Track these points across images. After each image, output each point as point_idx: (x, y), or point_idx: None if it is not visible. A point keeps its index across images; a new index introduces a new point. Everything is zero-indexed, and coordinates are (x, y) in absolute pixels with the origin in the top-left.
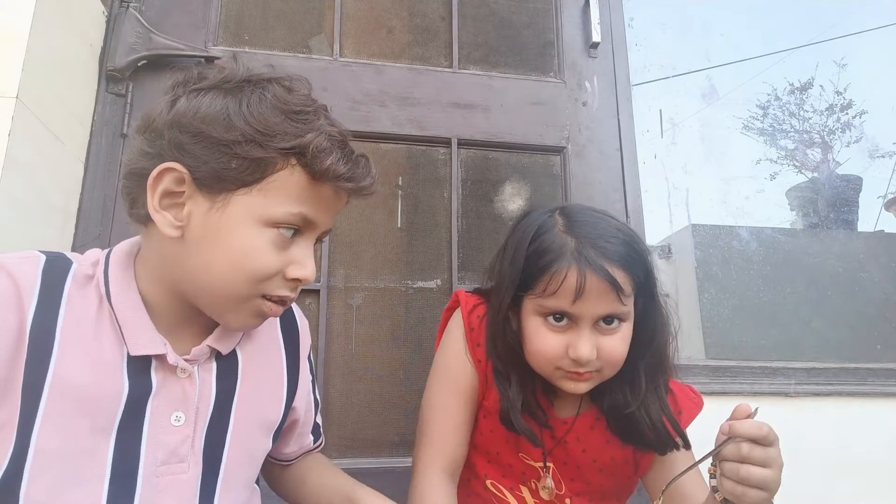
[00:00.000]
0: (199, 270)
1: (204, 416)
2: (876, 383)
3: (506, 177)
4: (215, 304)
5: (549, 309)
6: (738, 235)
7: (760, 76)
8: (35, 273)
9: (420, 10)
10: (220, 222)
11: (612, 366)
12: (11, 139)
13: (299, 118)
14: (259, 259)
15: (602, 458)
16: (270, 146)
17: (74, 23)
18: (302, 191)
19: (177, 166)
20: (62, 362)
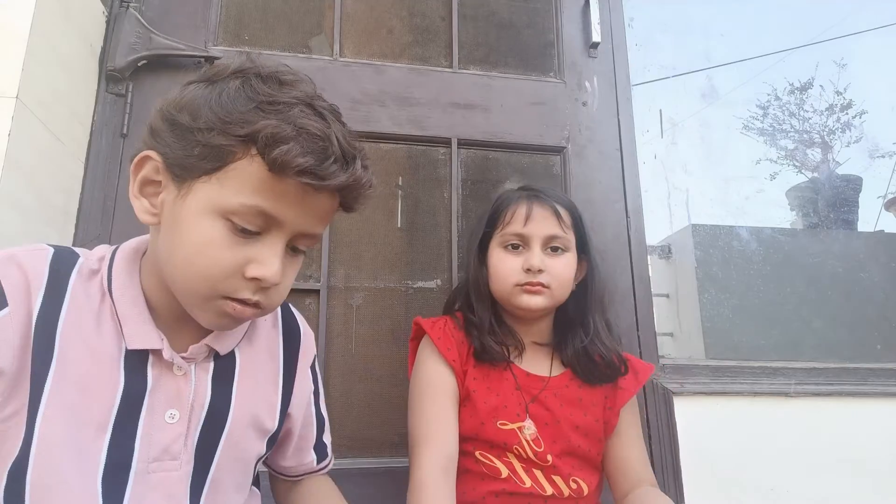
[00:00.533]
0: (165, 261)
1: (198, 415)
2: (876, 383)
3: (506, 177)
4: (183, 300)
5: (508, 235)
6: (738, 235)
7: (760, 76)
8: (44, 265)
9: (420, 10)
10: (181, 211)
11: (559, 284)
12: (11, 139)
13: (270, 108)
14: (211, 253)
15: (576, 415)
16: (229, 133)
17: (74, 23)
18: (260, 182)
19: (152, 154)
20: (63, 354)
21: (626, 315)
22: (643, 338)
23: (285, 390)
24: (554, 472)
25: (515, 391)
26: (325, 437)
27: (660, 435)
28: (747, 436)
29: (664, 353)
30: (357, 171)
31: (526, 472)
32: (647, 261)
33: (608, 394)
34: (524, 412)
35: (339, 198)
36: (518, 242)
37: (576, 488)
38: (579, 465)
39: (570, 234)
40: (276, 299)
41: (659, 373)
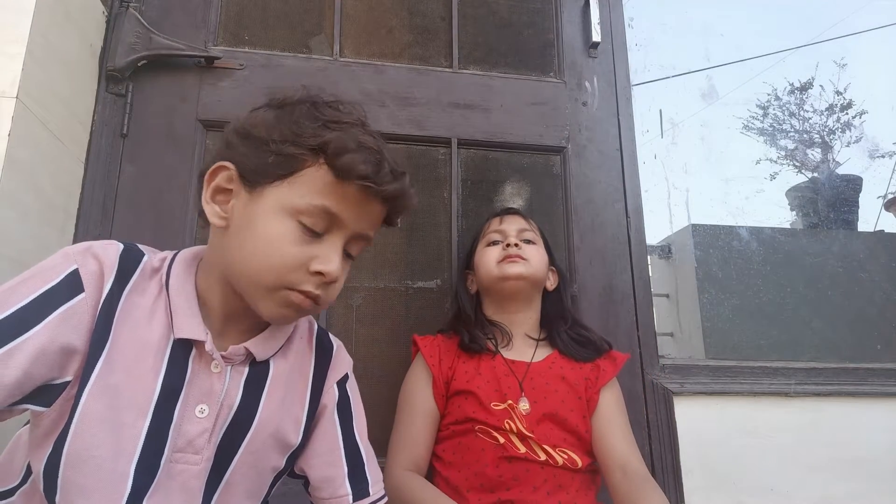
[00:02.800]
0: (235, 259)
1: (225, 414)
2: (876, 383)
3: (506, 177)
4: (248, 293)
5: (488, 234)
6: (738, 235)
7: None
8: (115, 258)
9: (420, 10)
10: (254, 212)
11: (535, 261)
12: (11, 139)
13: (335, 125)
14: (280, 247)
15: (561, 390)
16: (301, 143)
17: (74, 23)
18: (326, 186)
19: (227, 164)
20: (116, 339)
21: (626, 315)
22: (643, 338)
23: (311, 406)
24: (544, 442)
25: (504, 377)
26: (366, 470)
27: (660, 435)
28: (747, 436)
29: (664, 353)
30: (406, 184)
31: (521, 440)
32: (647, 261)
33: (589, 375)
34: (516, 392)
35: (388, 209)
36: (498, 238)
37: (568, 458)
38: (570, 440)
39: (537, 235)
40: (332, 296)
41: (659, 373)
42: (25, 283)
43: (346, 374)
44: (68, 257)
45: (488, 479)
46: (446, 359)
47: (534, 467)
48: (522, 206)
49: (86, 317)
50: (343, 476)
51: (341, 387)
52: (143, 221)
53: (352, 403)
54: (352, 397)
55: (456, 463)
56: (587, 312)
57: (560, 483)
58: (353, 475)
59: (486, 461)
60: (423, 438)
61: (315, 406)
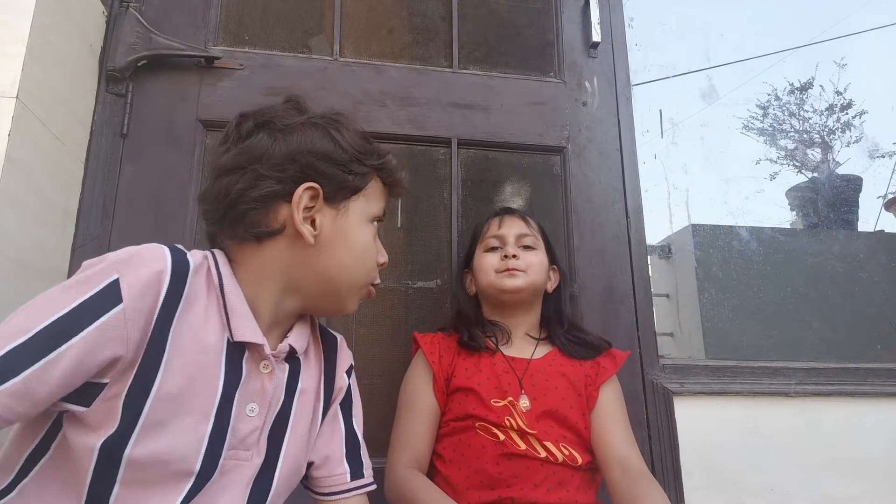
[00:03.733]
0: (330, 268)
1: (273, 411)
2: (876, 383)
3: (506, 177)
4: (341, 295)
5: (487, 239)
6: (738, 235)
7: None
8: (166, 263)
9: (420, 10)
10: (345, 225)
11: (534, 270)
12: (11, 139)
13: (370, 141)
14: (370, 249)
15: (561, 386)
16: (368, 163)
17: (74, 23)
18: (381, 192)
19: (314, 185)
20: (175, 345)
21: (626, 315)
22: (643, 338)
23: (326, 396)
24: (545, 439)
25: (504, 373)
26: (363, 455)
27: (660, 435)
28: (747, 436)
29: (664, 353)
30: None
31: (521, 437)
32: (647, 261)
33: (588, 372)
34: (516, 389)
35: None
36: (496, 244)
37: (568, 455)
38: (570, 437)
39: (538, 237)
40: None
41: (659, 373)
42: (66, 292)
43: (351, 365)
44: (109, 267)
45: (488, 477)
46: (447, 356)
47: (534, 464)
48: (522, 206)
49: (128, 328)
50: (341, 456)
51: (349, 376)
52: (143, 221)
53: (353, 394)
54: (353, 388)
55: (456, 460)
56: (587, 312)
57: (560, 480)
58: (351, 457)
59: (487, 458)
60: (424, 435)
61: (329, 395)
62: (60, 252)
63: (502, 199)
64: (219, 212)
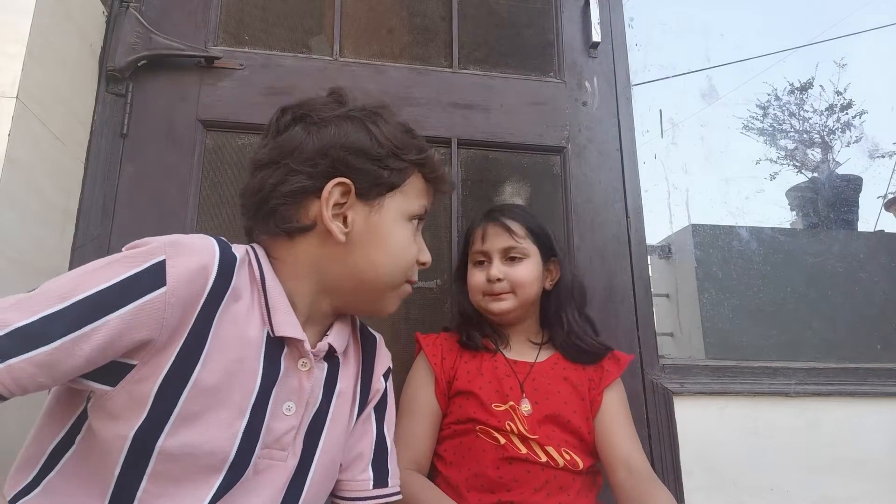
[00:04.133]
0: (363, 266)
1: (310, 412)
2: (876, 383)
3: (506, 177)
4: (376, 294)
5: (474, 254)
6: (738, 235)
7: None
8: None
9: (420, 10)
10: (379, 222)
11: (521, 287)
12: (11, 139)
13: (413, 135)
14: (408, 248)
15: (564, 391)
16: (406, 158)
17: (74, 23)
18: (422, 189)
19: (346, 180)
20: (217, 338)
21: (626, 315)
22: (643, 338)
23: (362, 397)
24: (546, 444)
25: (506, 377)
26: (388, 463)
27: (660, 435)
28: (747, 436)
29: (664, 353)
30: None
31: (522, 441)
32: (647, 261)
33: (592, 376)
34: (517, 393)
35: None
36: (482, 259)
37: (570, 459)
38: (572, 441)
39: (526, 243)
40: None
41: (659, 373)
42: (111, 266)
43: (389, 367)
44: (157, 248)
45: (489, 480)
46: (449, 357)
47: (534, 468)
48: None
49: (167, 312)
50: (367, 462)
51: (386, 379)
52: (143, 221)
53: (388, 398)
54: (389, 392)
55: (457, 463)
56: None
57: (561, 485)
58: (377, 464)
59: (487, 462)
60: (425, 437)
61: (366, 397)
62: (60, 252)
63: (502, 199)
64: (253, 206)
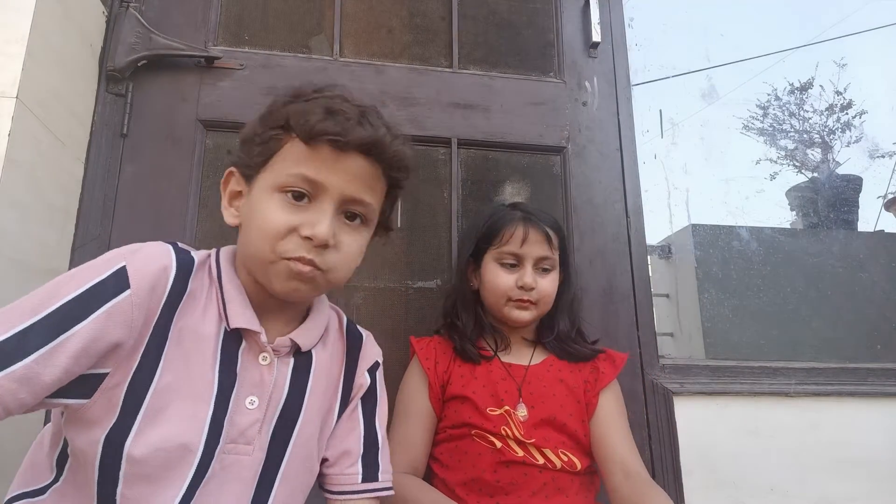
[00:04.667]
0: (243, 244)
1: (275, 406)
2: (876, 383)
3: (506, 177)
4: (259, 274)
5: (504, 254)
6: (738, 235)
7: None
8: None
9: (420, 10)
10: (251, 200)
11: (545, 301)
12: (11, 139)
13: (297, 100)
14: (270, 218)
15: (560, 393)
16: (270, 126)
17: (74, 23)
18: (301, 156)
19: (233, 168)
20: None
21: (626, 315)
22: (643, 338)
23: (344, 393)
24: (542, 446)
25: (501, 381)
26: (378, 457)
27: (660, 435)
28: (747, 436)
29: (664, 353)
30: (379, 131)
31: (518, 445)
32: (647, 261)
33: (588, 378)
34: (514, 397)
35: (380, 166)
36: (514, 262)
37: (567, 461)
38: (569, 444)
39: (555, 256)
40: (334, 262)
41: (659, 373)
42: (73, 278)
43: (376, 362)
44: (116, 255)
45: (486, 484)
46: (442, 361)
47: (532, 471)
48: None
49: (134, 313)
50: (356, 456)
51: (371, 374)
52: (143, 221)
53: (378, 392)
54: (379, 386)
55: (453, 466)
56: (587, 312)
57: (559, 486)
58: (366, 458)
59: (484, 466)
60: (421, 442)
61: (348, 393)
62: (60, 252)
63: (502, 199)
64: None
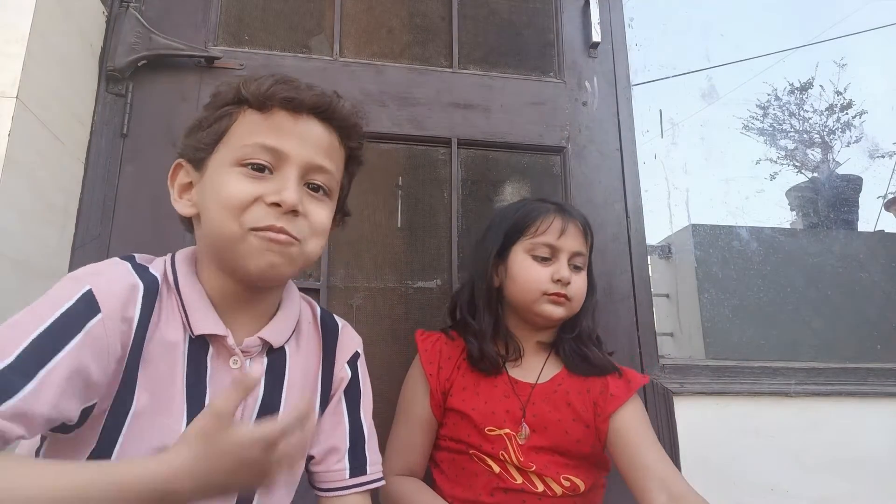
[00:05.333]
0: (206, 227)
1: (251, 409)
2: (876, 383)
3: (506, 177)
4: (229, 255)
5: (539, 245)
6: (738, 235)
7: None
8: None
9: (420, 10)
10: (206, 183)
11: (577, 298)
12: (11, 139)
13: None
14: (231, 189)
15: (564, 418)
16: (221, 104)
17: (74, 23)
18: (255, 126)
19: (180, 160)
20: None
21: (626, 315)
22: (643, 338)
23: (324, 388)
24: (543, 474)
25: (504, 398)
26: (365, 451)
27: (660, 435)
28: (747, 436)
29: (664, 353)
30: (329, 94)
31: (517, 471)
32: (647, 261)
33: (597, 400)
34: (517, 416)
35: (335, 132)
36: (547, 255)
37: (569, 486)
38: (574, 464)
39: (588, 254)
40: (307, 231)
41: (659, 373)
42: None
43: (356, 353)
44: (78, 280)
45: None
46: (446, 367)
47: (531, 499)
48: None
49: (109, 339)
50: (343, 452)
51: (352, 366)
52: (143, 221)
53: (360, 383)
54: (361, 377)
55: (452, 479)
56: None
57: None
58: (353, 453)
59: (480, 489)
60: (420, 446)
61: (328, 387)
62: (60, 252)
63: (502, 199)
64: None
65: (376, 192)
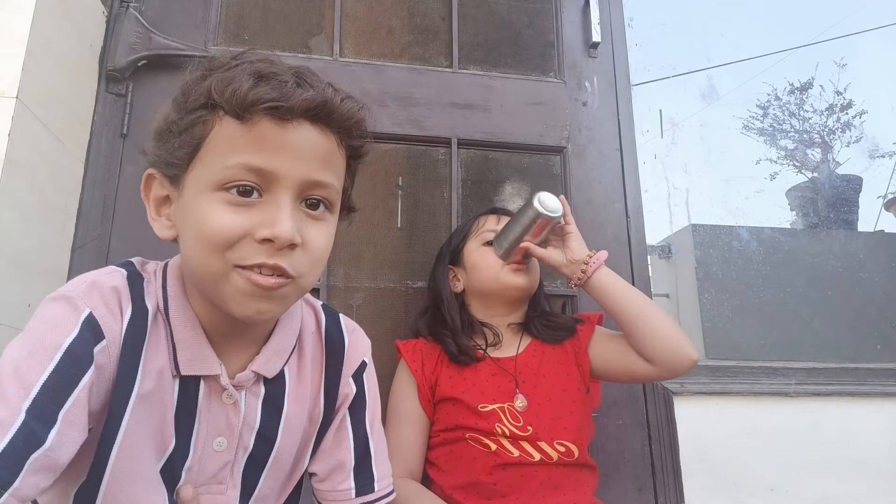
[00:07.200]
0: (185, 257)
1: (247, 440)
2: (876, 383)
3: (506, 177)
4: (210, 292)
5: (485, 233)
6: (738, 235)
7: (760, 76)
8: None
9: (420, 10)
10: (183, 206)
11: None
12: (11, 139)
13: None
14: (214, 223)
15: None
16: (191, 108)
17: (74, 23)
18: (235, 138)
19: (151, 170)
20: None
21: None
22: None
23: (327, 405)
24: (537, 440)
25: (492, 377)
26: (373, 467)
27: (660, 435)
28: (747, 436)
29: None
30: (325, 90)
31: (512, 444)
32: (647, 261)
33: (573, 343)
34: (510, 390)
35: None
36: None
37: (564, 451)
38: (564, 423)
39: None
40: (306, 264)
41: None
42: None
43: (362, 363)
44: (75, 301)
45: (483, 487)
46: (429, 363)
47: (528, 471)
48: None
49: (111, 363)
50: (349, 470)
51: (357, 379)
52: (143, 221)
53: (366, 394)
54: (367, 387)
55: (449, 470)
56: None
57: (556, 484)
58: (359, 470)
59: (479, 469)
60: (415, 445)
61: (332, 404)
62: (60, 252)
63: (502, 199)
64: None
65: (376, 192)
